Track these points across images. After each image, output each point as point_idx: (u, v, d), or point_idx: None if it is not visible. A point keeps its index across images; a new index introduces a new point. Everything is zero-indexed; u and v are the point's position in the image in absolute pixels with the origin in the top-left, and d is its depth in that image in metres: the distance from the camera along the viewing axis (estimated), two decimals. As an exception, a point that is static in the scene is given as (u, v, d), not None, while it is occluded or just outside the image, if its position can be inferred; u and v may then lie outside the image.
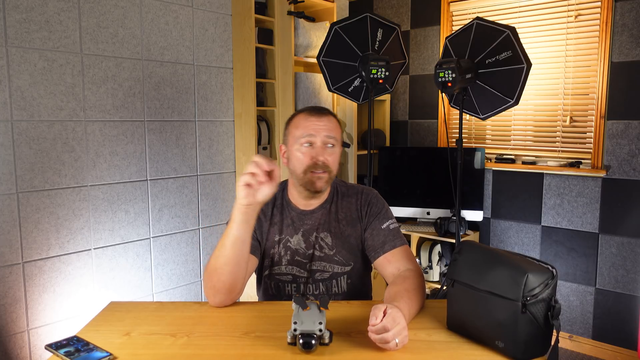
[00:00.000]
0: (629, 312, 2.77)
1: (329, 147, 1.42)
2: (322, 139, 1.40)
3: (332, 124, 1.43)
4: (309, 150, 1.40)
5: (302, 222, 1.49)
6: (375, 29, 2.76)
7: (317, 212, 1.50)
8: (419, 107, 3.61)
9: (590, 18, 2.83)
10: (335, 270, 1.48)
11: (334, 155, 1.43)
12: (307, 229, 1.49)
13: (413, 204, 3.32)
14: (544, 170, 3.02)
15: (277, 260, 1.48)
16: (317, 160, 1.39)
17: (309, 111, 1.45)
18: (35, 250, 2.25)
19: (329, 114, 1.45)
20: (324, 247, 1.47)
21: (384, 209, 1.51)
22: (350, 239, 1.49)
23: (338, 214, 1.51)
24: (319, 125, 1.41)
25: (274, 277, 1.49)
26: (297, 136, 1.42)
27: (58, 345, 1.12)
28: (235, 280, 1.31)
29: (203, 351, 1.11)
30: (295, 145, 1.42)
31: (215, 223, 3.02)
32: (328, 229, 1.48)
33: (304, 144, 1.40)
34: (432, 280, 3.23)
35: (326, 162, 1.40)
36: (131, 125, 2.58)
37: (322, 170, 1.40)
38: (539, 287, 1.02)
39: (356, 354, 1.08)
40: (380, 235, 1.46)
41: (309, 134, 1.40)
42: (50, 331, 2.31)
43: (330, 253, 1.47)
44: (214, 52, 2.93)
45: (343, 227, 1.49)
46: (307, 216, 1.49)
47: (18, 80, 2.16)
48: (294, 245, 1.48)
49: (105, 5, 2.43)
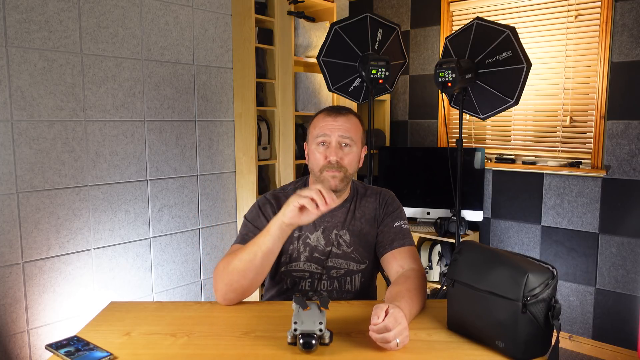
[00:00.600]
0: (629, 312, 2.77)
1: (344, 147, 1.44)
2: (336, 139, 1.43)
3: (349, 124, 1.45)
4: (324, 149, 1.44)
5: (322, 219, 1.50)
6: (375, 29, 2.76)
7: (337, 210, 1.52)
8: (419, 107, 3.61)
9: (590, 18, 2.83)
10: (351, 268, 1.50)
11: (350, 155, 1.45)
12: (328, 226, 1.51)
13: (413, 204, 3.32)
14: (544, 170, 3.02)
15: (296, 256, 1.50)
16: (330, 159, 1.42)
17: (328, 111, 1.48)
18: (35, 250, 2.25)
19: (348, 114, 1.48)
20: (342, 244, 1.50)
21: (399, 209, 1.56)
22: (368, 237, 1.52)
23: (356, 213, 1.54)
24: (334, 125, 1.44)
25: (291, 274, 1.50)
26: (314, 135, 1.46)
27: (58, 345, 1.12)
28: (253, 286, 1.34)
29: (203, 351, 1.11)
30: (313, 145, 1.47)
31: (215, 223, 3.02)
32: (347, 227, 1.51)
33: (320, 143, 1.45)
34: (432, 280, 3.23)
35: (340, 161, 1.43)
36: (131, 125, 2.58)
37: (336, 170, 1.42)
38: (539, 287, 1.02)
39: (356, 354, 1.08)
40: (391, 232, 1.50)
41: (324, 133, 1.44)
42: (50, 331, 2.31)
43: (348, 250, 1.50)
44: (214, 52, 2.93)
45: (362, 225, 1.52)
46: (328, 214, 1.50)
47: (18, 80, 2.16)
48: (313, 242, 1.50)
49: (105, 5, 2.43)
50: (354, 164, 1.47)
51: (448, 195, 3.18)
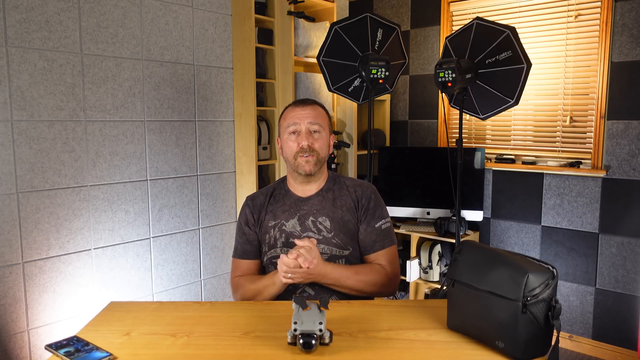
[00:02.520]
0: (629, 312, 2.77)
1: (314, 133, 1.56)
2: (306, 126, 1.55)
3: (316, 112, 1.58)
4: (295, 137, 1.56)
5: (298, 208, 1.60)
6: (375, 29, 2.76)
7: (313, 198, 1.61)
8: (419, 107, 3.61)
9: (590, 18, 2.83)
10: (334, 253, 1.55)
11: (320, 140, 1.57)
12: (303, 213, 1.59)
13: (413, 204, 3.32)
14: (544, 170, 3.02)
15: (273, 243, 1.58)
16: (302, 145, 1.53)
17: (295, 103, 1.61)
18: (35, 250, 2.25)
19: (314, 104, 1.60)
20: (322, 230, 1.56)
21: (380, 206, 1.62)
22: (349, 224, 1.58)
23: (336, 201, 1.60)
24: (302, 114, 1.56)
25: (271, 261, 1.58)
26: (285, 126, 1.58)
27: (58, 345, 1.12)
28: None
29: (203, 351, 1.11)
30: (285, 135, 1.58)
31: (215, 223, 3.02)
32: (326, 214, 1.58)
33: (291, 132, 1.56)
34: (432, 280, 3.23)
35: (312, 145, 1.54)
36: (131, 125, 2.58)
37: (308, 154, 1.54)
38: (539, 287, 1.02)
39: (356, 354, 1.08)
40: (373, 234, 1.58)
41: (294, 122, 1.56)
42: (50, 331, 2.31)
43: (328, 236, 1.55)
44: (214, 52, 2.93)
45: (342, 213, 1.59)
46: (304, 202, 1.60)
47: (18, 80, 2.16)
48: (289, 228, 1.58)
49: (105, 5, 2.43)
50: (325, 149, 1.59)
51: (448, 195, 3.18)
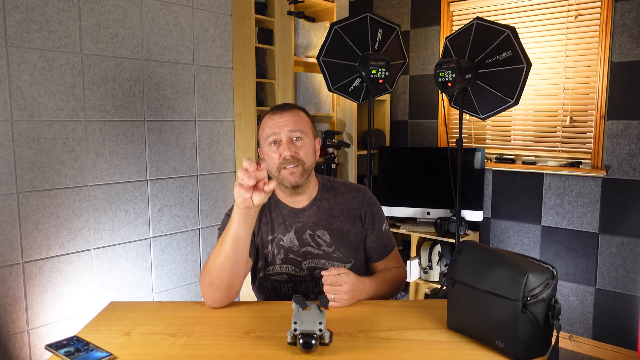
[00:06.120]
0: (629, 312, 2.77)
1: (296, 141, 1.41)
2: (286, 134, 1.40)
3: (297, 118, 1.43)
4: (276, 148, 1.41)
5: (293, 220, 1.48)
6: (375, 29, 2.76)
7: (308, 209, 1.49)
8: (419, 107, 3.61)
9: (590, 18, 2.83)
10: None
11: (304, 147, 1.42)
12: (300, 226, 1.48)
13: (413, 204, 3.32)
14: (544, 170, 3.02)
15: (271, 259, 1.48)
16: (284, 155, 1.39)
17: (273, 110, 1.46)
18: (35, 250, 2.25)
19: (293, 108, 1.45)
20: (322, 244, 1.47)
21: (379, 209, 1.58)
22: (349, 235, 1.49)
23: (333, 211, 1.50)
24: (281, 121, 1.41)
25: (269, 278, 1.49)
26: (264, 137, 1.44)
27: (58, 345, 1.12)
28: (235, 277, 1.31)
29: (203, 351, 1.11)
30: (265, 146, 1.44)
31: (215, 223, 3.02)
32: (325, 227, 1.48)
33: (272, 143, 1.42)
34: (432, 280, 3.23)
35: (295, 155, 1.40)
36: (131, 125, 2.58)
37: (293, 164, 1.39)
38: (539, 287, 1.02)
39: (356, 354, 1.08)
40: (382, 239, 1.55)
41: (273, 132, 1.41)
42: (50, 331, 2.31)
43: (329, 250, 1.47)
44: (214, 52, 2.93)
45: (341, 223, 1.49)
46: (299, 214, 1.49)
47: (18, 80, 2.16)
48: (287, 243, 1.47)
49: (105, 5, 2.43)
50: (310, 156, 1.44)
51: (448, 195, 3.18)
